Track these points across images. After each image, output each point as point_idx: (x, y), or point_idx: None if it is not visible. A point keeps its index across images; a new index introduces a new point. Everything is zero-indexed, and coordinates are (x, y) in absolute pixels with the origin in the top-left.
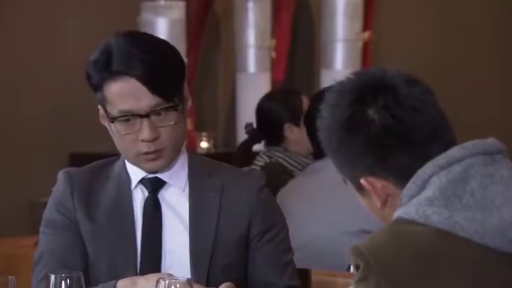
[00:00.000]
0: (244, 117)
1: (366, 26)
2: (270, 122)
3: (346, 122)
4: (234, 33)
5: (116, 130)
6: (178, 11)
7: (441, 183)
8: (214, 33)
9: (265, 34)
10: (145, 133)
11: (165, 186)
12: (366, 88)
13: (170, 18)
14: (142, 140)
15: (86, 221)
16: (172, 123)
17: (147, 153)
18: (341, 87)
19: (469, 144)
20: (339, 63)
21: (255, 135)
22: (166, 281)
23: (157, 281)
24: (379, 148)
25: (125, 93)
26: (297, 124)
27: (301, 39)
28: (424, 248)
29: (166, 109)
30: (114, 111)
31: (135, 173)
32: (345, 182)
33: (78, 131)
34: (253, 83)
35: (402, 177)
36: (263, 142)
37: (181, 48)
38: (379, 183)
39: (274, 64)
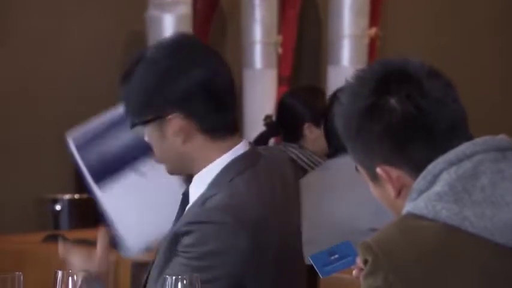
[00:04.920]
0: (250, 113)
1: (373, 22)
2: (290, 119)
3: (366, 110)
4: (241, 29)
5: None
6: (185, 7)
7: (451, 178)
8: (221, 29)
9: (272, 30)
10: None
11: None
12: (388, 77)
13: (177, 15)
14: None
15: None
16: (151, 136)
17: None
18: (362, 74)
19: (480, 141)
20: (346, 59)
21: (273, 128)
22: (173, 277)
23: (165, 278)
24: (399, 138)
25: None
26: (317, 125)
27: (307, 36)
28: (432, 244)
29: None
30: None
31: None
32: (356, 169)
33: None
34: (260, 79)
35: (418, 168)
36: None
37: None
38: (395, 172)
39: (280, 60)
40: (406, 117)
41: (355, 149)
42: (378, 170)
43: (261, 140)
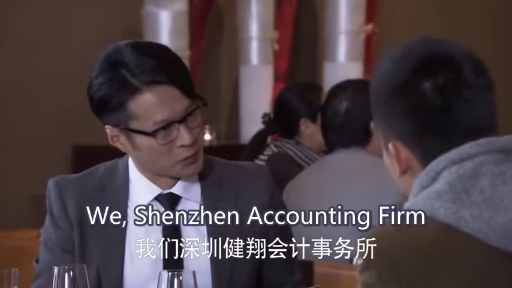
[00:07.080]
0: (247, 110)
1: (369, 18)
2: (286, 114)
3: (399, 85)
4: (237, 25)
5: (147, 144)
6: (181, 4)
7: (451, 177)
8: (217, 25)
9: (268, 26)
10: (187, 138)
11: (182, 201)
12: (431, 58)
13: (173, 11)
14: (182, 146)
15: (78, 231)
16: (200, 122)
17: (187, 158)
18: (410, 47)
19: (484, 141)
20: (342, 55)
21: (270, 125)
22: (169, 273)
23: (160, 273)
24: (420, 123)
25: (160, 101)
26: (313, 120)
27: (304, 32)
28: (427, 243)
29: (196, 109)
30: (147, 124)
31: (149, 190)
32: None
33: (81, 123)
34: (256, 75)
35: (429, 158)
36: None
37: (184, 40)
38: (405, 153)
39: (277, 56)
40: (433, 107)
41: (378, 116)
42: (390, 145)
43: (259, 137)
